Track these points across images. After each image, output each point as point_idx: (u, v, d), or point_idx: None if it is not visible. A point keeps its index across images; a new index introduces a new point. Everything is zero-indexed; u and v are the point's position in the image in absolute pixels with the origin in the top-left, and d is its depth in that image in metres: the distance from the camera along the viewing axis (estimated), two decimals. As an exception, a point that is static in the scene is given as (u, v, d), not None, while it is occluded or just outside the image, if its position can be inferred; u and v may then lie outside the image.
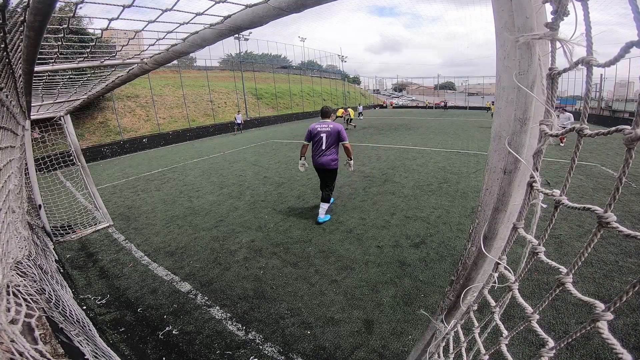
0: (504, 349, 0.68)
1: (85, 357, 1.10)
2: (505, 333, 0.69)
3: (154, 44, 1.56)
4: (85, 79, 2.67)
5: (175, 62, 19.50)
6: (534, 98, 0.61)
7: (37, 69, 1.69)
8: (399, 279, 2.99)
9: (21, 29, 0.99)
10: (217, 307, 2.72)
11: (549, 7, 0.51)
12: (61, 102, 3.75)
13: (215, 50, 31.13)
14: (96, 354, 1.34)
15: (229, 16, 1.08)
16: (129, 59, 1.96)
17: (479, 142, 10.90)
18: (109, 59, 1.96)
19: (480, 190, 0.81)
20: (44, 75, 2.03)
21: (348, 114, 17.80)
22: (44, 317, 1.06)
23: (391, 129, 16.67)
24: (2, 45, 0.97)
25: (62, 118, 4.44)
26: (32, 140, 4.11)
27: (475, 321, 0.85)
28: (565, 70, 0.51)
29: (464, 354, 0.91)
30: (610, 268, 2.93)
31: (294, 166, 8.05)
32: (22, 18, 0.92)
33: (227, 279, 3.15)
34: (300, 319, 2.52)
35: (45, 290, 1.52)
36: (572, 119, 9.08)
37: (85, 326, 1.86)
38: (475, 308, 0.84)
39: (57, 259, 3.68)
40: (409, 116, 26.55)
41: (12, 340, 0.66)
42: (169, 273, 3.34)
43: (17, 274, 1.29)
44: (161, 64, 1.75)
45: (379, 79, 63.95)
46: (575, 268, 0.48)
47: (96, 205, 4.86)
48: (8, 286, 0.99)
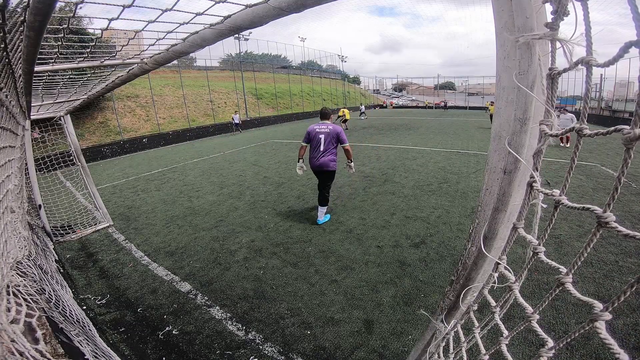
0: (504, 349, 0.68)
1: (85, 357, 1.10)
2: (505, 333, 0.69)
3: (154, 44, 1.56)
4: (85, 79, 2.67)
5: (175, 62, 19.51)
6: (534, 98, 0.61)
7: (37, 69, 1.69)
8: (399, 279, 2.99)
9: (21, 29, 0.99)
10: (217, 307, 2.72)
11: (549, 7, 0.51)
12: (61, 102, 3.75)
13: (215, 50, 31.18)
14: (96, 354, 1.34)
15: (229, 16, 1.08)
16: (129, 59, 1.96)
17: (479, 142, 10.90)
18: (109, 59, 1.96)
19: (480, 190, 0.81)
20: (44, 75, 2.03)
21: (344, 115, 17.45)
22: (44, 317, 1.06)
23: (391, 129, 16.67)
24: (2, 45, 0.97)
25: (62, 118, 4.44)
26: (32, 140, 4.11)
27: (475, 321, 0.85)
28: (565, 70, 0.51)
29: (464, 354, 0.91)
30: (610, 268, 2.93)
31: (293, 166, 8.05)
32: (22, 18, 0.92)
33: (227, 279, 3.15)
34: (300, 319, 2.52)
35: (45, 290, 1.52)
36: (575, 120, 9.06)
37: (85, 326, 1.86)
38: (475, 308, 0.84)
39: (57, 259, 3.68)
40: (409, 116, 26.55)
41: (13, 340, 0.66)
42: (169, 273, 3.34)
43: (17, 274, 1.29)
44: (161, 64, 1.76)
45: (379, 79, 64.05)
46: (575, 268, 0.48)
47: (96, 205, 4.86)
48: (8, 286, 0.99)
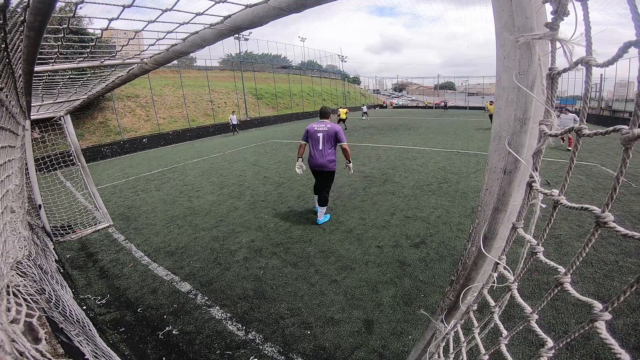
0: (503, 349, 0.68)
1: (85, 357, 1.10)
2: (505, 333, 0.69)
3: (154, 44, 1.56)
4: (85, 79, 2.67)
5: (175, 62, 19.50)
6: (534, 98, 0.61)
7: (37, 69, 1.69)
8: (399, 279, 2.99)
9: (21, 29, 0.99)
10: (217, 307, 2.72)
11: (549, 7, 0.51)
12: (61, 102, 3.75)
13: (215, 50, 31.17)
14: (96, 354, 1.34)
15: (229, 16, 1.08)
16: (129, 59, 1.96)
17: (479, 142, 10.89)
18: (109, 59, 1.96)
19: (480, 190, 0.81)
20: (44, 75, 2.03)
21: (338, 114, 17.03)
22: (44, 317, 1.06)
23: (391, 129, 16.66)
24: (3, 46, 0.97)
25: (62, 118, 4.44)
26: (32, 140, 4.11)
27: (475, 321, 0.85)
28: (565, 70, 0.51)
29: (464, 354, 0.91)
30: (610, 268, 2.93)
31: (293, 166, 8.04)
32: (22, 18, 0.92)
33: (227, 279, 3.15)
34: (300, 319, 2.52)
35: (45, 290, 1.52)
36: (577, 120, 9.03)
37: (85, 326, 1.86)
38: (475, 308, 0.84)
39: (57, 259, 3.68)
40: (409, 116, 26.55)
41: (13, 340, 0.66)
42: (169, 273, 3.34)
43: (17, 274, 1.29)
44: (161, 64, 1.76)
45: (379, 79, 64.07)
46: (574, 268, 0.48)
47: (96, 205, 4.86)
48: (8, 286, 0.99)
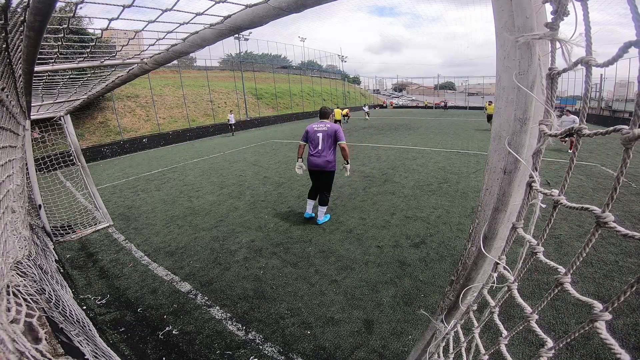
0: (503, 349, 0.68)
1: (85, 357, 1.10)
2: (504, 333, 0.69)
3: (154, 44, 1.56)
4: (85, 79, 2.67)
5: (175, 62, 19.50)
6: (533, 98, 0.61)
7: (37, 69, 1.69)
8: (399, 279, 2.99)
9: (21, 29, 0.99)
10: (217, 307, 2.72)
11: (549, 7, 0.51)
12: (61, 102, 3.75)
13: (215, 50, 31.16)
14: (96, 354, 1.34)
15: (229, 16, 1.08)
16: (129, 59, 1.96)
17: (479, 142, 10.89)
18: (109, 59, 1.96)
19: (480, 190, 0.81)
20: (44, 75, 2.03)
21: (333, 115, 17.01)
22: (44, 317, 1.06)
23: (391, 129, 16.66)
24: (4, 46, 0.97)
25: (62, 118, 4.44)
26: (32, 140, 4.11)
27: (475, 321, 0.85)
28: (565, 70, 0.51)
29: (464, 354, 0.91)
30: (610, 268, 2.93)
31: (293, 166, 8.04)
32: (22, 18, 0.92)
33: (227, 279, 3.15)
34: (300, 319, 2.52)
35: (45, 290, 1.52)
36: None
37: (85, 326, 1.86)
38: (475, 308, 0.84)
39: (57, 259, 3.68)
40: (409, 116, 26.55)
41: (14, 340, 0.66)
42: (169, 273, 3.34)
43: (17, 274, 1.29)
44: (161, 64, 1.76)
45: (379, 79, 64.05)
46: (574, 268, 0.48)
47: (96, 205, 4.86)
48: (8, 286, 0.99)
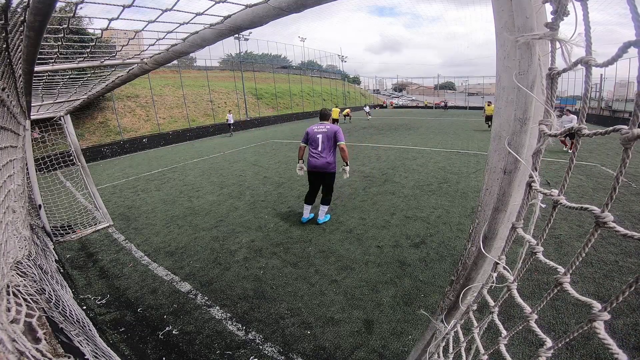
0: (503, 349, 0.68)
1: (85, 357, 1.10)
2: (504, 333, 0.69)
3: (154, 44, 1.56)
4: (85, 79, 2.67)
5: (175, 62, 19.49)
6: (533, 98, 0.61)
7: (37, 69, 1.69)
8: (399, 279, 2.99)
9: (21, 29, 0.99)
10: (217, 307, 2.72)
11: (549, 7, 0.51)
12: (61, 102, 3.75)
13: (215, 50, 31.11)
14: (96, 354, 1.34)
15: (229, 16, 1.08)
16: (129, 59, 1.96)
17: (479, 142, 10.89)
18: (109, 59, 1.96)
19: (480, 190, 0.81)
20: (44, 75, 2.03)
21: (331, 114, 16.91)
22: (44, 317, 1.06)
23: (391, 129, 16.66)
24: (4, 46, 0.97)
25: (62, 118, 4.44)
26: (32, 140, 4.11)
27: (474, 321, 0.85)
28: (564, 70, 0.51)
29: (464, 354, 0.91)
30: (610, 268, 2.93)
31: (294, 166, 8.05)
32: (22, 18, 0.92)
33: (227, 279, 3.15)
34: (300, 319, 2.52)
35: (45, 290, 1.52)
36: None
37: (85, 326, 1.87)
38: (474, 308, 0.84)
39: (57, 259, 3.68)
40: (409, 116, 26.54)
41: (14, 340, 0.66)
42: (169, 273, 3.34)
43: (17, 274, 1.29)
44: (161, 64, 1.76)
45: (379, 79, 63.92)
46: (573, 268, 0.48)
47: (96, 205, 4.86)
48: (8, 286, 0.99)
